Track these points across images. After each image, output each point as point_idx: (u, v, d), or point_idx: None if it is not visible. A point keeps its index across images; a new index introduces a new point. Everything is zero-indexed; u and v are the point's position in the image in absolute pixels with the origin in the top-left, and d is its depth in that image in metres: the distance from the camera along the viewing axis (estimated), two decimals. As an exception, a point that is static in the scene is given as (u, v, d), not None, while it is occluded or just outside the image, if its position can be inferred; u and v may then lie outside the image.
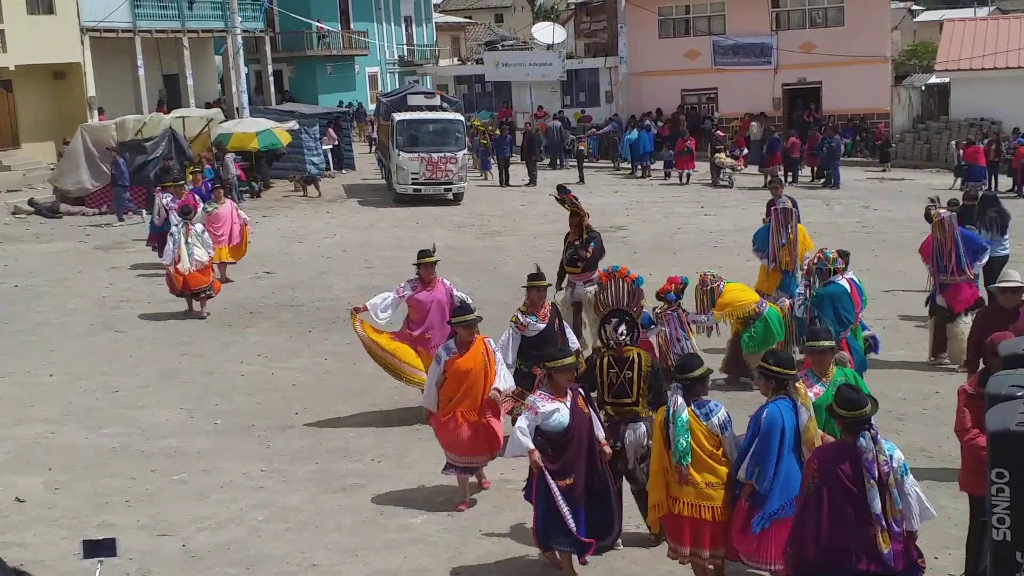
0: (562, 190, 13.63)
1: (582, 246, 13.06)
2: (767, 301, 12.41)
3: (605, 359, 8.23)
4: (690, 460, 7.06)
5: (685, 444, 7.05)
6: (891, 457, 6.08)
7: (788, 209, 13.73)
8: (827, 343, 7.88)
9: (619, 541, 8.11)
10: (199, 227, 16.71)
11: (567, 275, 13.33)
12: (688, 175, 31.79)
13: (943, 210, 13.14)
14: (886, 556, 5.96)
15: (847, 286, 11.22)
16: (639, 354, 8.24)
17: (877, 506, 5.96)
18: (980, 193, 17.31)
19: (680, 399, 7.18)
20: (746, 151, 33.70)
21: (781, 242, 13.48)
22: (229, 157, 26.40)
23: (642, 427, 8.13)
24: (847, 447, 6.11)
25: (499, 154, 32.39)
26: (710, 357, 9.99)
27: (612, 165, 35.56)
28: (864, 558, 5.97)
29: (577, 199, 13.50)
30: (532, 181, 31.49)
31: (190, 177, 21.71)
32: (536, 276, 10.28)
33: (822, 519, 6.00)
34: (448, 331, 10.35)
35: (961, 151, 29.94)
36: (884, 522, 5.96)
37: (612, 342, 8.24)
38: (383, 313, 11.02)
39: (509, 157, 32.44)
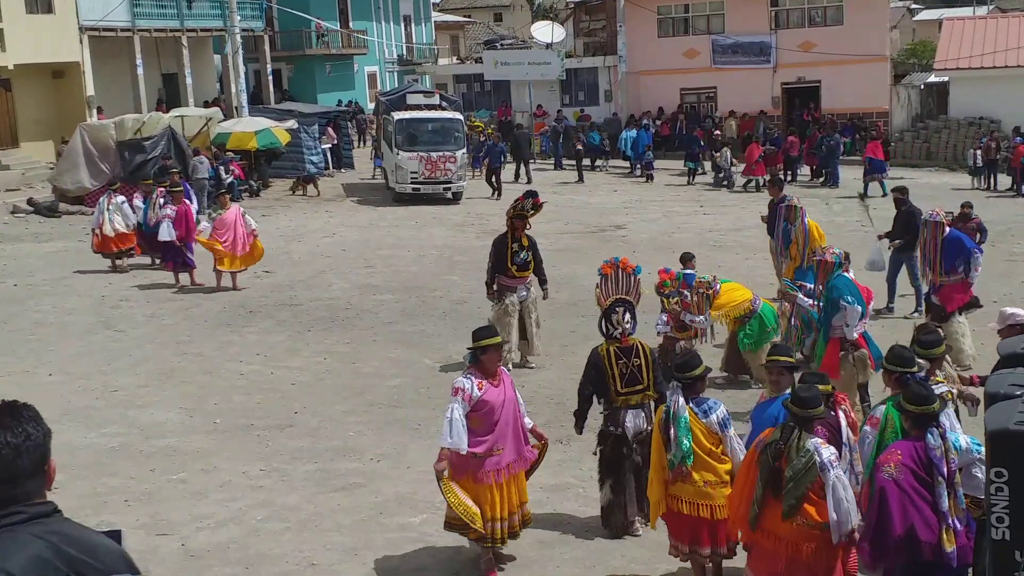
0: (533, 195, 13.32)
1: (530, 249, 13.10)
2: (760, 297, 12.44)
3: (611, 350, 8.25)
4: (692, 461, 7.08)
5: (688, 446, 7.07)
6: (958, 448, 6.10)
7: (793, 206, 13.73)
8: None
9: (638, 527, 8.36)
10: (120, 198, 19.36)
11: (507, 280, 13.12)
12: (760, 181, 29.67)
13: (937, 211, 13.17)
14: (949, 555, 5.99)
15: (852, 278, 11.22)
16: (640, 342, 8.37)
17: (944, 503, 5.98)
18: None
19: (681, 399, 7.18)
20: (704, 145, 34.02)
21: (789, 238, 13.52)
22: (198, 159, 26.30)
23: (641, 413, 8.28)
24: (918, 443, 6.11)
25: (490, 162, 29.99)
26: (708, 356, 9.99)
27: (553, 166, 35.24)
28: (933, 552, 5.99)
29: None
30: (527, 179, 31.39)
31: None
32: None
33: (895, 512, 6.00)
34: (518, 444, 7.86)
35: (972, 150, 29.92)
36: (950, 520, 5.99)
37: (618, 332, 8.28)
38: (467, 438, 7.61)
39: (500, 167, 29.79)
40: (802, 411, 6.30)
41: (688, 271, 12.29)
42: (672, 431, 7.12)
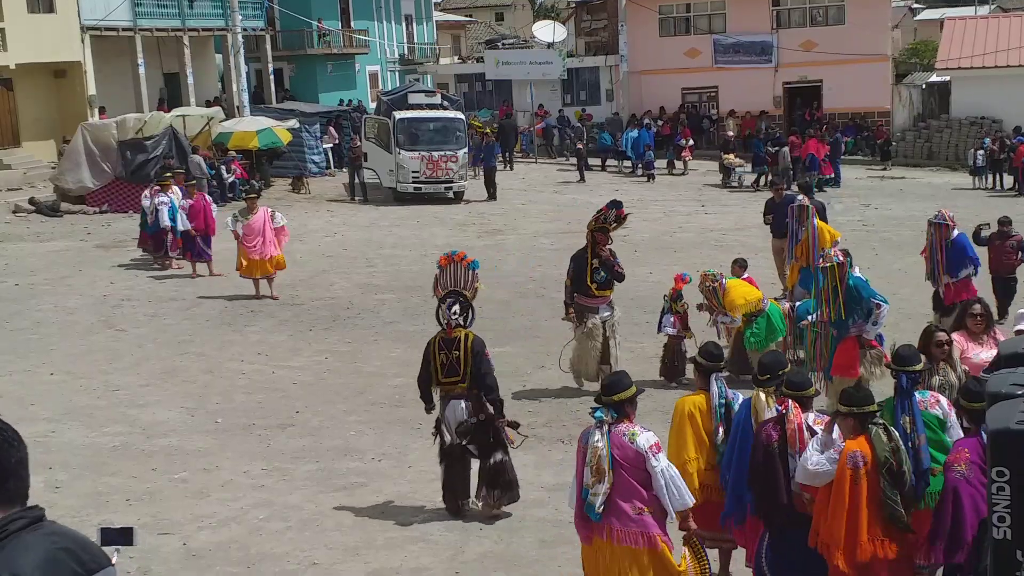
0: (618, 206, 12.19)
1: (616, 263, 11.84)
2: (768, 297, 12.49)
3: (436, 341, 8.68)
4: None
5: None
6: None
7: (804, 206, 13.68)
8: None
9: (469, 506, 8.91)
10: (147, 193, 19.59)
11: (587, 300, 11.96)
12: (831, 180, 29.69)
13: (945, 211, 13.10)
14: None
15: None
16: (466, 335, 8.64)
17: None
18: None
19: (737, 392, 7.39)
20: (691, 142, 33.89)
21: (797, 238, 13.45)
22: (196, 157, 26.30)
23: (461, 404, 8.63)
24: (980, 438, 6.05)
25: (484, 162, 29.47)
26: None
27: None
28: None
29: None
30: (510, 167, 32.86)
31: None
32: None
33: (969, 512, 5.97)
34: None
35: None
36: None
37: (445, 322, 8.66)
38: None
39: (495, 167, 29.59)
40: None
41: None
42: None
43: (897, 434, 6.36)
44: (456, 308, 8.65)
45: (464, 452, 8.79)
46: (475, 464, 8.94)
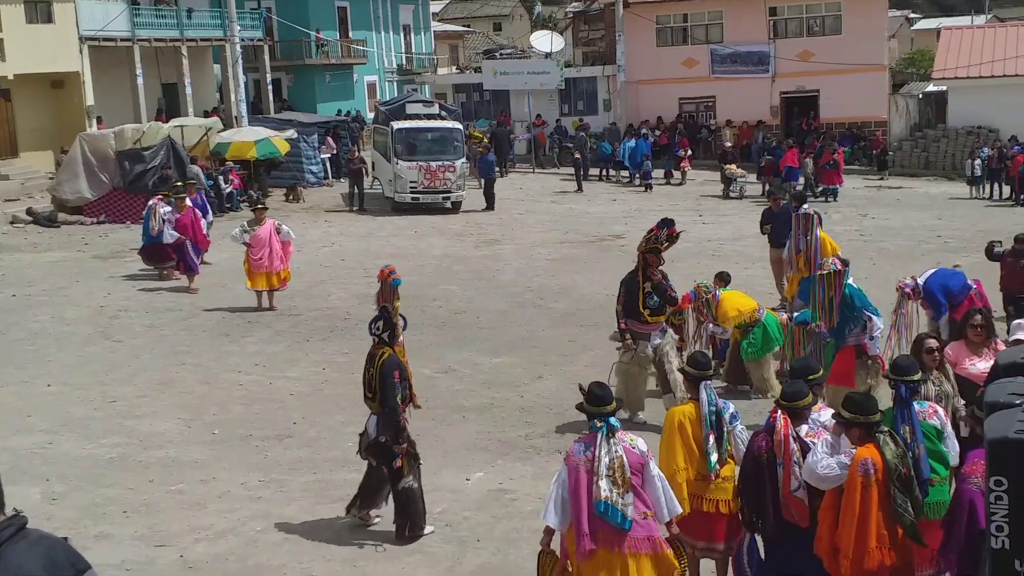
0: (669, 224, 11.39)
1: (669, 287, 11.14)
2: (765, 307, 12.47)
3: (368, 353, 8.79)
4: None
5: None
6: None
7: (809, 215, 13.62)
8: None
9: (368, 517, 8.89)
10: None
11: (639, 327, 11.21)
12: (835, 191, 29.68)
13: (908, 281, 12.64)
14: None
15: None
16: (382, 352, 8.64)
17: None
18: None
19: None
20: (689, 152, 34.16)
21: (798, 248, 13.40)
22: (194, 168, 26.35)
23: (373, 420, 8.69)
24: None
25: (483, 173, 29.39)
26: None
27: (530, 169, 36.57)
28: None
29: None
30: (502, 173, 33.28)
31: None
32: None
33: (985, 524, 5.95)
34: None
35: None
36: None
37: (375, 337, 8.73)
38: None
39: (494, 179, 29.41)
40: None
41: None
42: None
43: (900, 440, 6.37)
44: (380, 324, 8.61)
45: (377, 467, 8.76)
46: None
